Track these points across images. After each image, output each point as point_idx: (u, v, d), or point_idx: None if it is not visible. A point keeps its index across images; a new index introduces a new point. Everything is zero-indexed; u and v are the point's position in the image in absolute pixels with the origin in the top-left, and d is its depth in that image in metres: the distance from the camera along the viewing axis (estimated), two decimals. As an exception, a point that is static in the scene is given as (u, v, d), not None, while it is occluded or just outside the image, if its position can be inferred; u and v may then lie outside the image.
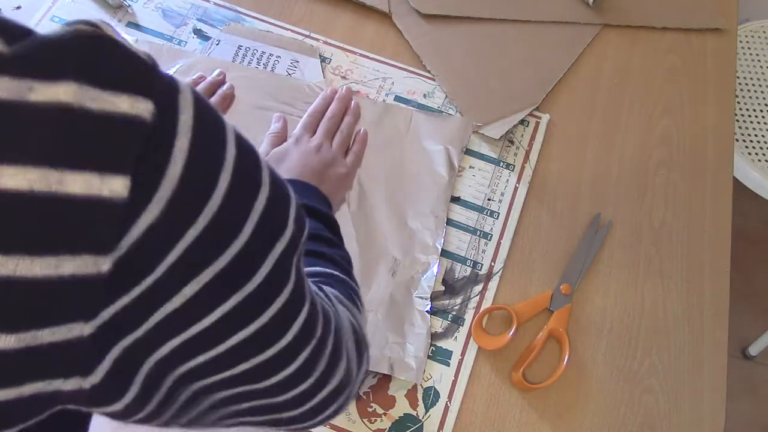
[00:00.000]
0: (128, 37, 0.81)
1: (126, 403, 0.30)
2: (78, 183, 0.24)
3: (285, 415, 0.40)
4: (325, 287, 0.47)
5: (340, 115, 0.74)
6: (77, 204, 0.24)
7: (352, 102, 0.76)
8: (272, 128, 0.72)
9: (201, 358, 0.31)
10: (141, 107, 0.25)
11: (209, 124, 0.28)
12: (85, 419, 0.46)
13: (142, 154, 0.25)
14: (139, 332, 0.28)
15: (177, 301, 0.28)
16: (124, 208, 0.24)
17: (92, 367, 0.27)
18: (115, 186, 0.24)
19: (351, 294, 0.49)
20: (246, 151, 0.30)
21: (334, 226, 0.58)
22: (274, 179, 0.32)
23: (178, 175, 0.26)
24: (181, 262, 0.27)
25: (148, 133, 0.25)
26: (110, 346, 0.27)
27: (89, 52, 0.25)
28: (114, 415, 0.32)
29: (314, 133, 0.71)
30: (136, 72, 0.25)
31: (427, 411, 0.65)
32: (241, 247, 0.29)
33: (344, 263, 0.54)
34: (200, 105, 0.28)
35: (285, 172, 0.63)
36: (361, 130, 0.75)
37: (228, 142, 0.29)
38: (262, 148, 0.69)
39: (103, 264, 0.25)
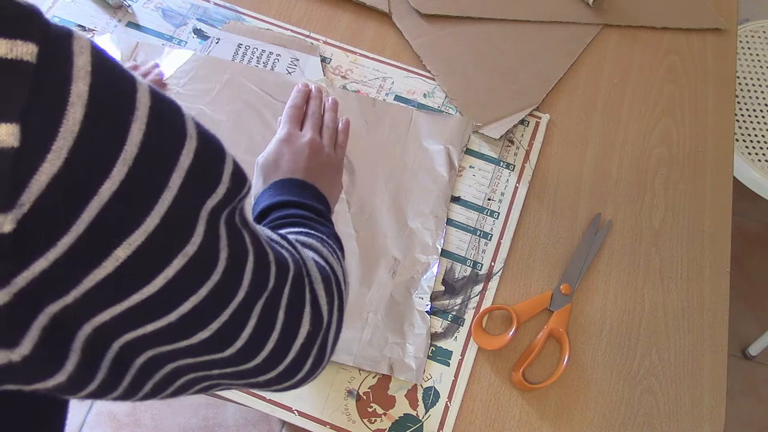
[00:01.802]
0: (128, 37, 0.81)
1: (69, 373, 0.29)
2: None
3: (261, 378, 0.39)
4: (289, 235, 0.45)
5: (321, 110, 0.72)
6: None
7: (330, 98, 0.74)
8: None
9: (151, 327, 0.30)
10: (21, 50, 0.23)
11: (112, 71, 0.26)
12: (61, 410, 0.45)
13: (31, 100, 0.23)
14: (68, 298, 0.26)
15: (109, 266, 0.26)
16: (15, 159, 0.23)
17: (17, 337, 0.26)
18: (1, 134, 0.22)
19: (324, 244, 0.48)
20: (164, 102, 0.28)
21: (324, 217, 0.57)
22: (203, 132, 0.30)
23: (78, 122, 0.24)
24: (101, 220, 0.25)
25: (33, 77, 0.23)
26: (34, 314, 0.26)
27: None
28: (68, 391, 0.30)
29: (300, 125, 0.69)
30: (12, 16, 0.24)
31: (427, 411, 0.65)
32: (170, 203, 0.28)
33: (329, 234, 0.52)
34: (100, 52, 0.26)
35: (281, 175, 0.62)
36: (344, 119, 0.73)
37: (138, 91, 0.27)
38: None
39: (4, 223, 0.23)
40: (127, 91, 0.27)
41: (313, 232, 0.50)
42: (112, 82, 0.26)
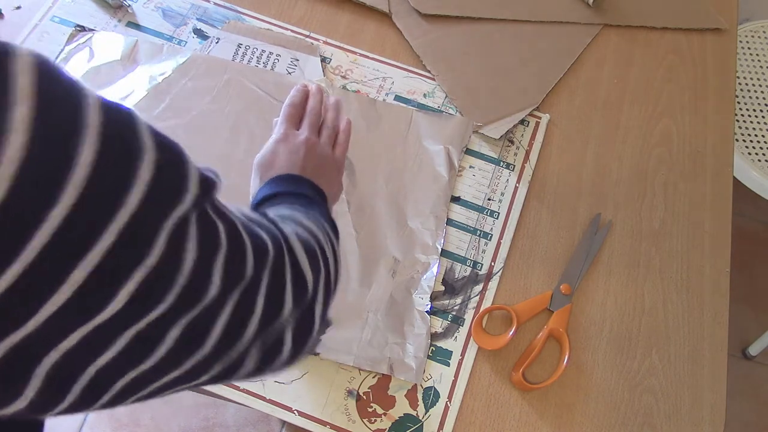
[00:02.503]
0: (128, 36, 0.81)
1: (30, 398, 0.28)
2: None
3: (242, 370, 0.38)
4: (269, 213, 0.44)
5: (319, 109, 0.72)
6: None
7: (332, 98, 0.73)
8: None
9: (126, 352, 0.29)
10: None
11: (59, 90, 0.26)
12: (38, 426, 0.44)
13: None
14: (27, 328, 0.26)
15: (67, 290, 0.26)
16: None
17: None
18: None
19: (307, 216, 0.46)
20: (117, 116, 0.27)
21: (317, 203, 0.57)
22: (162, 142, 0.29)
23: (22, 146, 0.23)
24: (53, 246, 0.24)
25: None
26: None
27: None
28: (34, 414, 0.29)
29: (298, 125, 0.69)
30: None
31: (427, 411, 0.65)
32: (128, 218, 0.27)
33: (320, 213, 0.51)
34: (45, 71, 0.25)
35: (277, 172, 0.62)
36: (345, 120, 0.71)
37: (88, 108, 0.26)
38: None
39: None
40: (76, 111, 0.26)
41: (297, 206, 0.49)
42: (58, 103, 0.25)
